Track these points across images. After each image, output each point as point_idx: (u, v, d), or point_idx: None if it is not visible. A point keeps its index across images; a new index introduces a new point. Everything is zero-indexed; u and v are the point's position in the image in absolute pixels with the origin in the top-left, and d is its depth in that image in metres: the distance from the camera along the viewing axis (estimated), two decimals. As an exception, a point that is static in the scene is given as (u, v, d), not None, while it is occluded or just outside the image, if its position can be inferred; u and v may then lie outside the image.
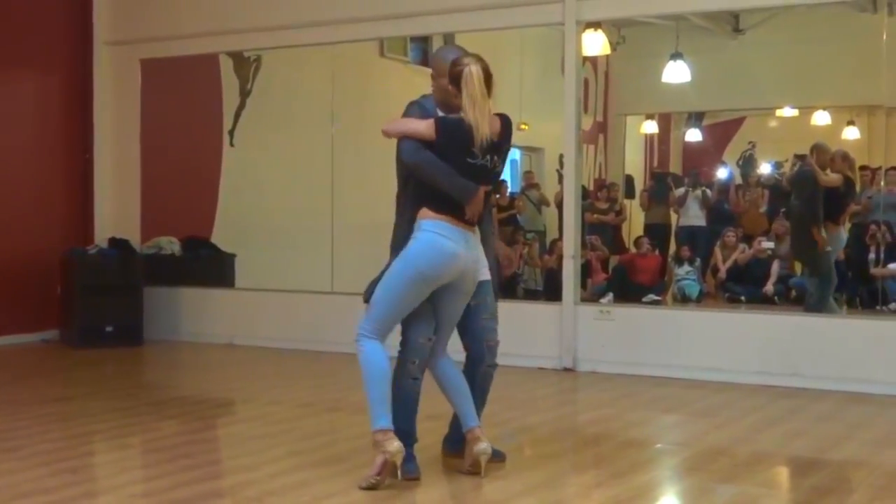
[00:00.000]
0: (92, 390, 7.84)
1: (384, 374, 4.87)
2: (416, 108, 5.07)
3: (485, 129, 4.80)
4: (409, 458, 5.00)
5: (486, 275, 5.13)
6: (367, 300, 5.02)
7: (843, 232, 9.95)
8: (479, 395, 5.23)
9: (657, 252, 12.52)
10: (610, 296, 11.04)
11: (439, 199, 4.83)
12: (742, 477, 5.26)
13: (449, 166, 4.82)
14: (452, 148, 4.82)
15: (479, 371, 5.23)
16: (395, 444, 4.78)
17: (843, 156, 9.87)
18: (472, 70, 4.79)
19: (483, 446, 5.01)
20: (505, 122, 4.94)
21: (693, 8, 10.23)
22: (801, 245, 10.12)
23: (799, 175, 10.27)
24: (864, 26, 10.69)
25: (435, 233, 4.81)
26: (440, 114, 4.99)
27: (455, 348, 5.17)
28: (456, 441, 5.27)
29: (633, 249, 12.62)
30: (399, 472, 4.88)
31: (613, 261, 12.77)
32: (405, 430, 4.99)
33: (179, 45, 10.26)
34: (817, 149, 9.90)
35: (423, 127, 4.86)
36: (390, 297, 4.90)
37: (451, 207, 4.83)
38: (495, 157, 4.89)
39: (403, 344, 5.07)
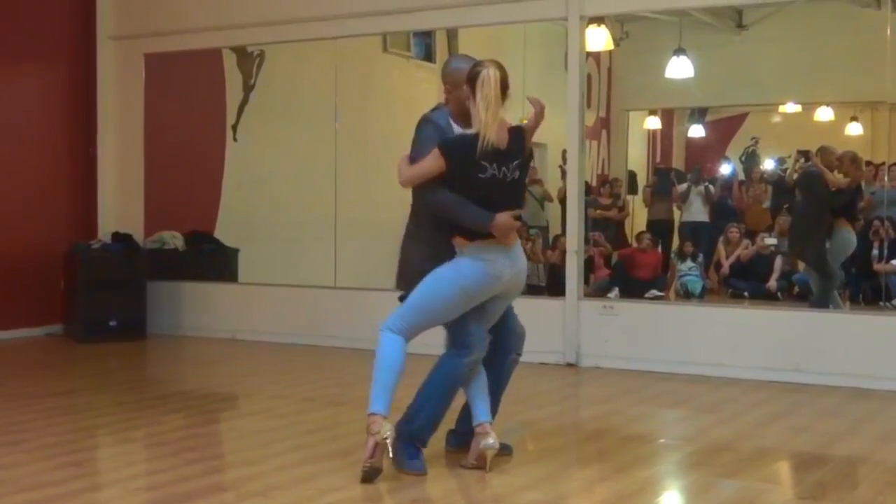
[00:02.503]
0: (96, 384, 7.85)
1: (397, 368, 4.89)
2: (430, 128, 5.00)
3: (491, 134, 4.80)
4: (417, 453, 5.01)
5: None
6: (401, 299, 5.05)
7: (853, 233, 9.90)
8: (505, 383, 5.32)
9: (658, 247, 12.52)
10: (616, 291, 11.05)
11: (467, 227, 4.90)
12: (746, 472, 5.26)
13: (463, 198, 4.83)
14: (461, 166, 4.83)
15: (507, 360, 5.30)
16: (385, 427, 4.81)
17: (851, 158, 9.84)
18: (490, 73, 4.83)
19: (490, 441, 5.01)
20: (514, 133, 4.94)
21: (696, 3, 10.24)
22: (802, 243, 10.10)
23: (806, 175, 10.22)
24: (868, 22, 10.68)
25: (479, 258, 4.85)
26: (455, 126, 4.99)
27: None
28: (461, 435, 5.28)
29: (635, 244, 12.61)
30: (391, 453, 4.87)
31: (616, 257, 12.77)
32: (438, 419, 5.04)
33: (183, 40, 10.26)
34: (822, 151, 9.91)
35: (432, 164, 4.85)
36: (429, 304, 4.93)
37: (482, 233, 4.88)
38: (504, 168, 4.88)
39: (467, 336, 5.01)
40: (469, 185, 4.83)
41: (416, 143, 5.03)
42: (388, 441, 4.83)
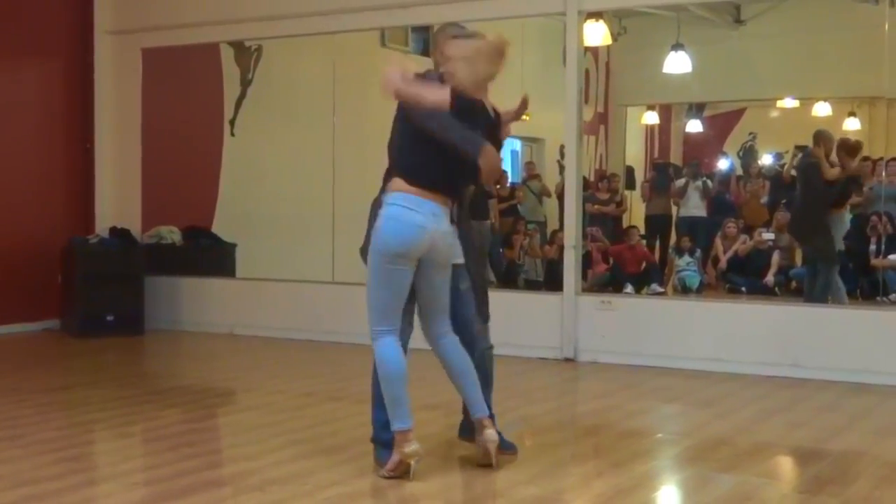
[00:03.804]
0: (93, 379, 7.85)
1: (399, 374, 4.79)
2: (433, 76, 4.93)
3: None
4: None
5: (461, 257, 5.04)
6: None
7: (847, 215, 9.83)
8: (482, 376, 5.11)
9: (646, 242, 12.62)
10: (630, 287, 11.18)
11: (416, 170, 4.76)
12: (743, 466, 5.26)
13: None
14: (463, 119, 4.71)
15: (474, 355, 5.15)
16: (411, 447, 4.76)
17: (840, 145, 9.71)
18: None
19: (489, 433, 4.95)
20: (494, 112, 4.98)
21: (694, -2, 10.24)
22: (805, 231, 9.95)
23: (806, 167, 9.99)
24: (866, 17, 10.69)
25: (400, 205, 4.73)
26: None
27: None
28: (469, 426, 5.20)
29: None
30: (411, 475, 4.80)
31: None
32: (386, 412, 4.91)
33: (181, 35, 10.24)
34: (822, 137, 9.70)
35: (438, 96, 4.71)
36: (378, 285, 4.85)
37: (428, 179, 4.75)
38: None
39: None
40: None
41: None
42: (412, 464, 4.78)
